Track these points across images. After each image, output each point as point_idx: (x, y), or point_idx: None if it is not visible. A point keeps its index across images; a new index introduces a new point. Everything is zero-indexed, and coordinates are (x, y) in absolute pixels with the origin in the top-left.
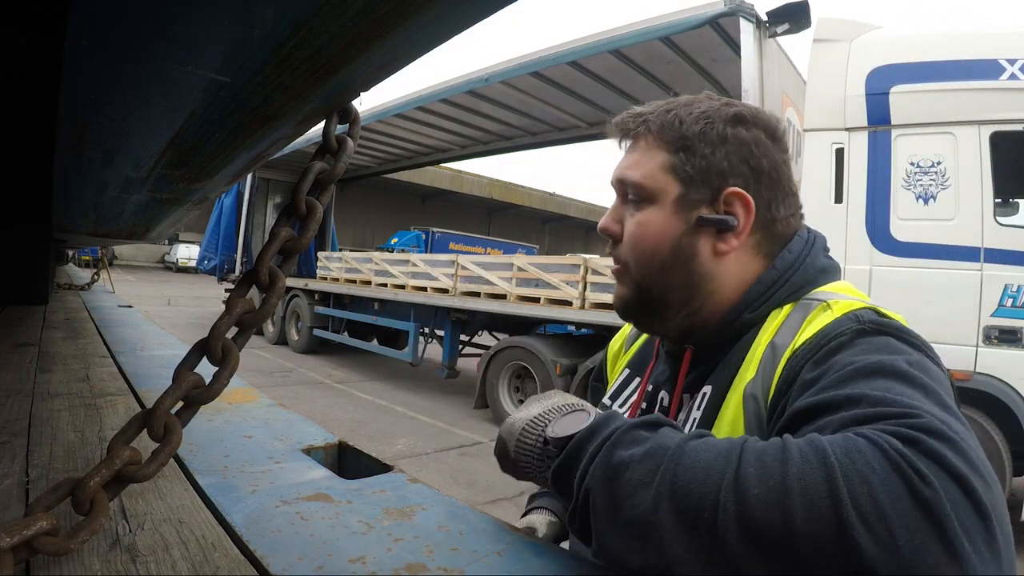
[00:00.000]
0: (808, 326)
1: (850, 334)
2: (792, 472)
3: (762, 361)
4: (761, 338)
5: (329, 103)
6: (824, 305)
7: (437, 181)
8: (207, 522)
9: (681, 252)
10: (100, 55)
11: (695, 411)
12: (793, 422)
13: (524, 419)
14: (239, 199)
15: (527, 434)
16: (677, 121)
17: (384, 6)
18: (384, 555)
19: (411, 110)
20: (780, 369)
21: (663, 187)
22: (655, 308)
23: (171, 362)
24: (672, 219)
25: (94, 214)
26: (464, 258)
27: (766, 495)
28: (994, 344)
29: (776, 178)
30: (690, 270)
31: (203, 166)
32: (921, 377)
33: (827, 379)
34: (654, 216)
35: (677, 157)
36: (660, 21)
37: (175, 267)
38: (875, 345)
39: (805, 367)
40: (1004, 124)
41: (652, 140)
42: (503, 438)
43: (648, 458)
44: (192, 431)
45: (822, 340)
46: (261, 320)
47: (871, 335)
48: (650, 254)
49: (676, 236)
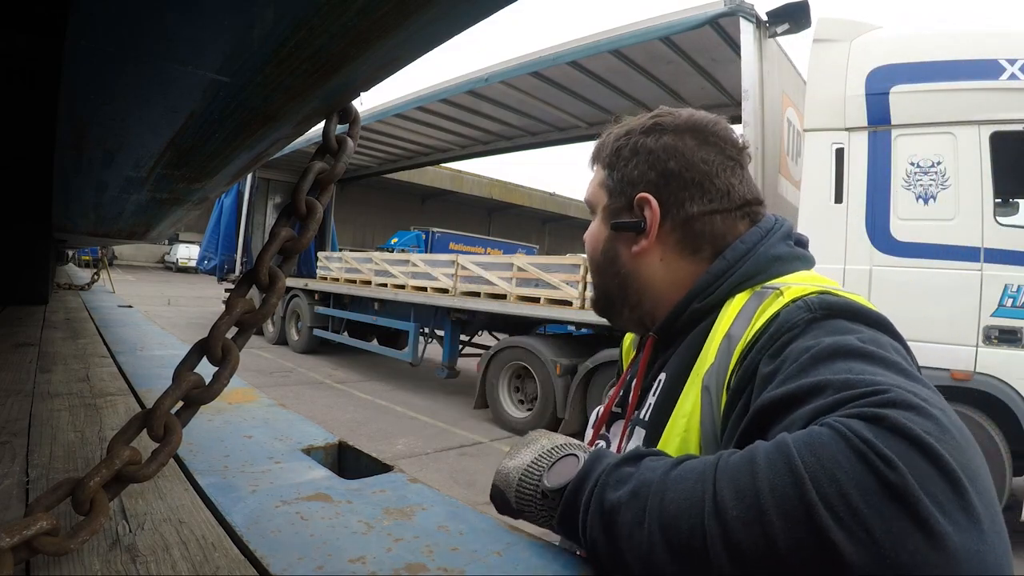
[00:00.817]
0: (760, 316)
1: (802, 324)
2: (763, 485)
3: (719, 351)
4: (718, 327)
5: (329, 103)
6: (777, 293)
7: (437, 181)
8: (207, 522)
9: (607, 255)
10: (100, 55)
11: (651, 397)
12: (759, 420)
13: (518, 468)
14: (239, 199)
15: (525, 485)
16: (604, 144)
17: (384, 6)
18: (384, 555)
19: (411, 110)
20: (734, 361)
21: (598, 200)
22: (607, 306)
23: (171, 362)
24: (601, 227)
25: (94, 214)
26: (464, 258)
27: (744, 514)
28: (994, 344)
29: (690, 177)
30: (615, 270)
31: (203, 166)
32: (878, 351)
33: (786, 370)
34: (593, 226)
35: (607, 173)
36: (660, 21)
37: (175, 267)
38: (827, 330)
39: (762, 361)
40: (1004, 124)
41: (598, 163)
42: (500, 489)
43: (635, 498)
44: (192, 431)
45: (776, 333)
46: (261, 320)
47: (822, 320)
48: (591, 259)
49: (603, 241)
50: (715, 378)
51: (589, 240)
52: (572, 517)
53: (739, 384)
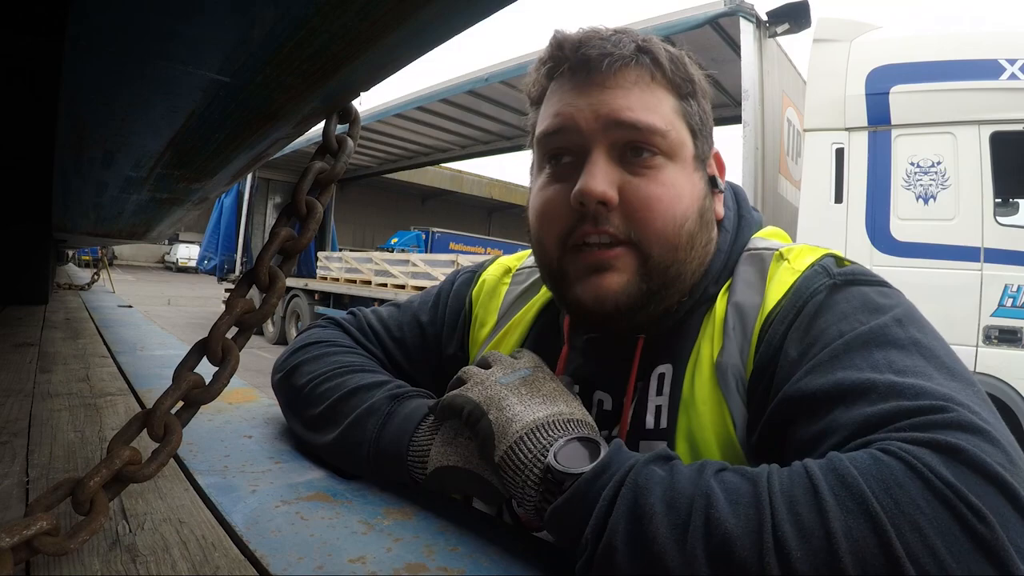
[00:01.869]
0: (772, 283)
1: (825, 291)
2: (835, 527)
3: (726, 327)
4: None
5: (329, 103)
6: (777, 255)
7: (437, 181)
8: (207, 522)
9: (706, 216)
10: (100, 55)
11: (655, 397)
12: (785, 410)
13: (523, 423)
14: (239, 199)
15: (523, 447)
16: (680, 60)
17: (384, 6)
18: (384, 555)
19: (411, 110)
20: (756, 335)
21: (683, 139)
22: (659, 296)
23: (171, 362)
24: (695, 179)
25: (94, 214)
26: (464, 258)
27: (813, 556)
28: (994, 344)
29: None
30: (709, 237)
31: (203, 166)
32: (917, 337)
33: (817, 355)
34: (679, 175)
35: (687, 104)
36: (660, 21)
37: (175, 267)
38: (854, 302)
39: (789, 338)
40: (1004, 124)
41: (656, 76)
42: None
43: (672, 510)
44: (192, 431)
45: (798, 303)
46: (261, 320)
47: (844, 287)
48: (680, 222)
49: (702, 198)
50: (737, 357)
51: (681, 196)
52: (577, 510)
53: (762, 360)
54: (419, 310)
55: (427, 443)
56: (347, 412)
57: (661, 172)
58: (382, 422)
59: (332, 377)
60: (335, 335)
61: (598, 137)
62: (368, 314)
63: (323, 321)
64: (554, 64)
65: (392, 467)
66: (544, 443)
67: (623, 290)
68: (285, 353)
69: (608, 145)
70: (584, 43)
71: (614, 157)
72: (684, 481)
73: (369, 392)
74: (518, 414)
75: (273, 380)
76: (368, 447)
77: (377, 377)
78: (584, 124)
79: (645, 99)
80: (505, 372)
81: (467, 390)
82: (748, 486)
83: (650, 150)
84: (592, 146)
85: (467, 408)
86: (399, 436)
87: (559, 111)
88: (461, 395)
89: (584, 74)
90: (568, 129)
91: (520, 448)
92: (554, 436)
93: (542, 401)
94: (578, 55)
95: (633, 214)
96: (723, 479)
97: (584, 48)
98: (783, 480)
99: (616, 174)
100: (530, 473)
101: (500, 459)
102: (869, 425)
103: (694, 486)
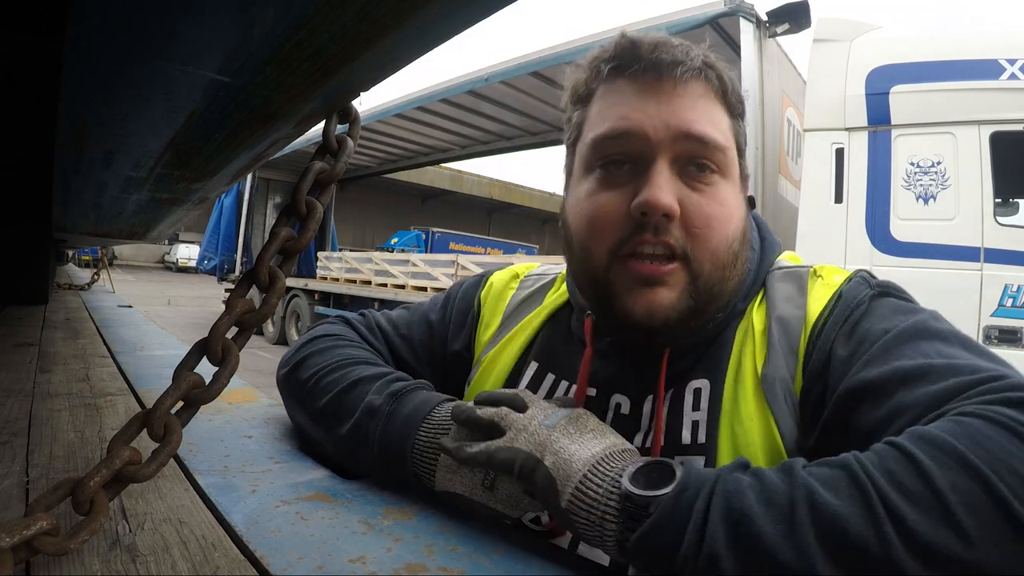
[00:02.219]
0: (812, 297)
1: (867, 300)
2: (941, 484)
3: (771, 340)
4: (744, 319)
5: (329, 103)
6: (812, 272)
7: (437, 181)
8: (207, 522)
9: (746, 237)
10: (100, 55)
11: (691, 412)
12: (847, 402)
13: (584, 460)
14: (239, 199)
15: (591, 484)
16: (734, 80)
17: (384, 6)
18: (384, 555)
19: (411, 110)
20: (803, 346)
21: (735, 158)
22: (702, 313)
23: (171, 362)
24: (740, 199)
25: (94, 214)
26: (464, 258)
27: (928, 518)
28: (994, 344)
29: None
30: (747, 258)
31: (203, 166)
32: (954, 330)
33: (868, 351)
34: (730, 193)
35: (737, 123)
36: (660, 21)
37: (175, 267)
38: (889, 307)
39: (836, 341)
40: (1004, 124)
41: (717, 92)
42: (544, 479)
43: (772, 507)
44: (192, 431)
45: (846, 311)
46: (261, 320)
47: (880, 296)
48: (729, 243)
49: (744, 218)
50: (784, 369)
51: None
52: (669, 530)
53: (816, 366)
54: (429, 310)
55: (432, 444)
56: (351, 407)
57: (718, 190)
58: (384, 422)
59: (336, 369)
60: (342, 330)
61: (665, 147)
62: (377, 314)
63: (332, 319)
64: (620, 64)
65: (397, 467)
66: (612, 475)
67: (673, 306)
68: (293, 348)
69: (672, 156)
70: (659, 47)
71: (676, 169)
72: (775, 480)
73: (371, 384)
74: (575, 453)
75: (279, 376)
76: (371, 447)
77: (379, 369)
78: (652, 132)
79: (711, 114)
80: (546, 414)
81: (512, 440)
82: (841, 472)
83: (711, 166)
84: (658, 155)
85: (518, 461)
86: (402, 439)
87: (625, 115)
88: (508, 448)
89: (654, 79)
90: (634, 135)
91: (588, 486)
92: (619, 466)
93: (593, 436)
94: (652, 57)
95: (692, 230)
96: (812, 472)
97: (659, 52)
98: (872, 459)
99: (678, 187)
100: (607, 507)
101: (568, 503)
102: (938, 399)
103: (787, 483)
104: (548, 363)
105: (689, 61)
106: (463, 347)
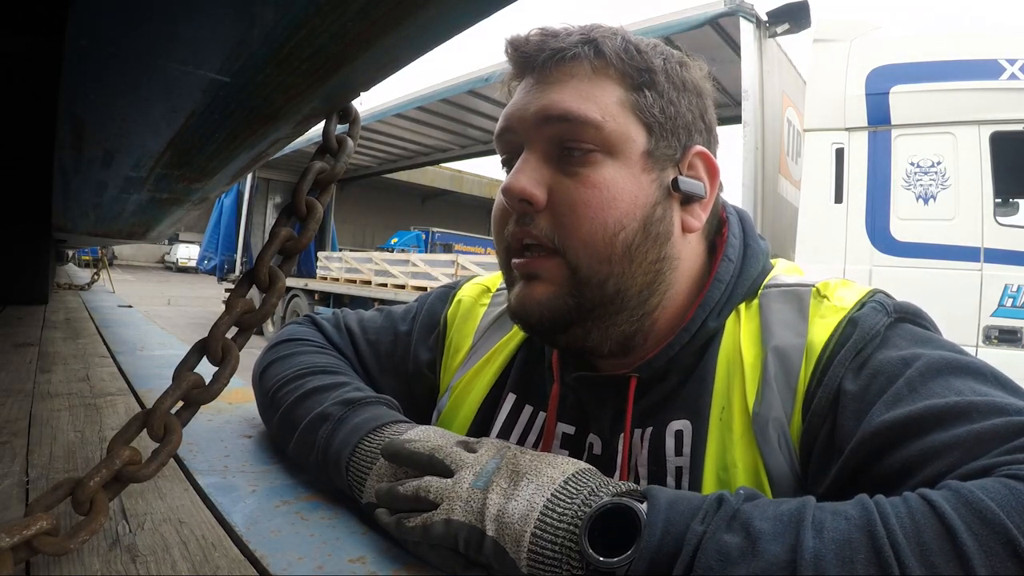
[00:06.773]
0: (815, 322)
1: (882, 330)
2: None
3: (766, 375)
4: (729, 346)
5: (329, 103)
6: (815, 292)
7: (437, 181)
8: (207, 522)
9: (654, 227)
10: (100, 55)
11: (674, 458)
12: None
13: (525, 517)
14: (239, 199)
15: (545, 539)
16: (634, 48)
17: (384, 6)
18: (384, 555)
19: (411, 110)
20: (803, 381)
21: (627, 133)
22: (599, 313)
23: (171, 362)
24: (643, 180)
25: (94, 214)
26: (464, 258)
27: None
28: (994, 344)
29: (718, 142)
30: (662, 253)
31: (203, 166)
32: (982, 366)
33: (890, 387)
34: (618, 175)
35: (640, 95)
36: (660, 21)
37: (175, 267)
38: (906, 336)
39: (845, 376)
40: (1004, 124)
41: (599, 67)
42: (493, 550)
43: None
44: (192, 431)
45: (860, 343)
46: (261, 320)
47: (897, 323)
48: (613, 231)
49: (650, 204)
50: (774, 408)
51: (618, 199)
52: None
53: (820, 406)
54: (399, 319)
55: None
56: (303, 415)
57: (595, 172)
58: (333, 427)
59: (294, 379)
60: (307, 333)
61: (531, 135)
62: (349, 314)
63: (300, 319)
64: (514, 71)
65: (335, 474)
66: (564, 525)
67: (548, 302)
68: (260, 354)
69: (543, 143)
70: (528, 41)
71: (551, 157)
72: (775, 551)
73: (327, 393)
74: (515, 512)
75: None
76: (316, 449)
77: (337, 379)
78: (518, 123)
79: (582, 90)
80: (475, 474)
81: (446, 513)
82: (860, 536)
83: (584, 147)
84: (525, 145)
85: (461, 537)
86: (342, 446)
87: (506, 114)
88: (445, 521)
89: (529, 73)
90: (508, 130)
91: (542, 546)
92: (571, 511)
93: (528, 481)
94: (519, 53)
95: (559, 219)
96: (821, 525)
97: (541, 46)
98: (902, 520)
99: (548, 174)
100: (571, 566)
101: (528, 567)
102: (982, 440)
103: (788, 549)
104: (525, 394)
105: (557, 44)
106: (426, 365)
